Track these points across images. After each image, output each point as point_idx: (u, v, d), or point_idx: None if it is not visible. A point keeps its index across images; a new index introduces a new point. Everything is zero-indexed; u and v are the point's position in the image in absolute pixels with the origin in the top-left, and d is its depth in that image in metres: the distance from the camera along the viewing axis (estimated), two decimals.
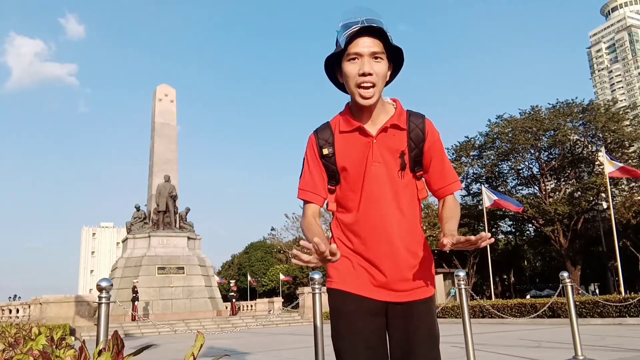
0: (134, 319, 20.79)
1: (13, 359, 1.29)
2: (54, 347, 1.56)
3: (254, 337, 14.44)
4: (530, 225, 44.95)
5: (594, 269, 48.17)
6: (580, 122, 38.48)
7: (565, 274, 6.42)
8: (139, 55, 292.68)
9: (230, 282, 37.55)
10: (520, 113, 40.29)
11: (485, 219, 30.37)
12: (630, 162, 36.70)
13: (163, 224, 27.44)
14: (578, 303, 14.04)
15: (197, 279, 26.49)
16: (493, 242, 1.55)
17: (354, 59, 1.67)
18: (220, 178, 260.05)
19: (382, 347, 1.72)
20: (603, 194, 35.80)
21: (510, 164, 41.98)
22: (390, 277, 1.73)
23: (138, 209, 28.81)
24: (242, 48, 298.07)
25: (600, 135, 37.91)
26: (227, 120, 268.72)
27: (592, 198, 36.74)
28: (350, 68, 1.68)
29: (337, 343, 1.73)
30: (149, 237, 26.79)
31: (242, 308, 30.83)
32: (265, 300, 32.12)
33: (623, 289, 24.59)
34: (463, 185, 43.02)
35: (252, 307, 31.64)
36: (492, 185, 41.28)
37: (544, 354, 6.94)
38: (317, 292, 4.58)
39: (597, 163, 37.59)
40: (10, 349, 1.60)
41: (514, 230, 48.49)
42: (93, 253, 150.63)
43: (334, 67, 1.77)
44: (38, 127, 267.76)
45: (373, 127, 1.75)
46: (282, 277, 58.06)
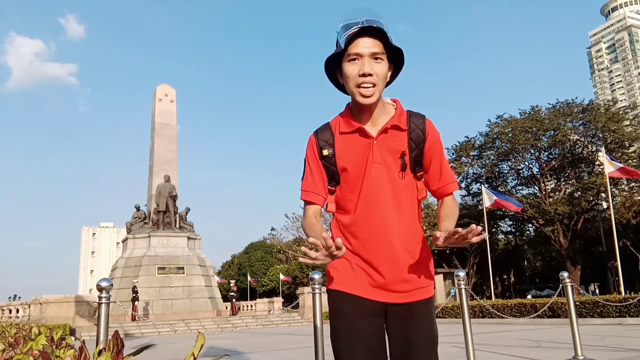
0: (134, 319, 20.80)
1: (13, 359, 1.29)
2: (54, 347, 1.56)
3: (254, 337, 14.44)
4: (530, 225, 44.94)
5: (594, 269, 48.17)
6: (580, 122, 38.48)
7: (565, 274, 6.42)
8: (139, 55, 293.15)
9: (230, 282, 37.55)
10: (520, 113, 40.31)
11: (485, 219, 30.38)
12: (630, 162, 36.70)
13: (163, 224, 27.46)
14: (578, 303, 14.04)
15: (197, 279, 26.50)
16: (484, 238, 1.55)
17: (354, 60, 1.66)
18: (220, 178, 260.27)
19: (381, 347, 1.73)
20: (603, 194, 35.78)
21: (510, 164, 41.97)
22: (389, 278, 1.73)
23: (138, 209, 28.83)
24: (242, 48, 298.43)
25: (600, 135, 37.91)
26: (227, 120, 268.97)
27: (592, 198, 36.74)
28: (351, 69, 1.67)
29: (336, 343, 1.73)
30: (149, 237, 26.81)
31: (242, 308, 30.84)
32: (265, 300, 32.13)
33: (623, 289, 24.59)
34: (463, 185, 43.02)
35: (252, 307, 31.65)
36: (492, 185, 41.27)
37: (544, 354, 6.94)
38: (317, 292, 4.57)
39: (597, 163, 37.58)
40: (10, 349, 1.60)
41: (514, 230, 48.49)
42: (93, 253, 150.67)
43: (334, 67, 1.77)
44: (38, 127, 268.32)
45: (373, 128, 1.75)
46: (282, 277, 58.05)
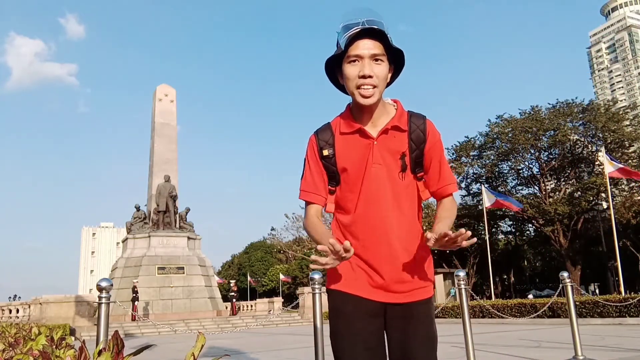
0: (134, 319, 20.80)
1: (13, 359, 1.29)
2: (54, 347, 1.56)
3: (254, 337, 14.44)
4: (530, 225, 44.95)
5: (594, 269, 48.18)
6: (580, 122, 38.49)
7: (565, 274, 6.42)
8: (139, 55, 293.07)
9: (231, 282, 37.56)
10: (520, 113, 40.32)
11: (485, 219, 30.41)
12: (630, 162, 36.71)
13: (163, 224, 27.46)
14: (578, 303, 14.04)
15: (197, 279, 26.51)
16: (474, 242, 1.56)
17: (354, 61, 1.66)
18: (220, 178, 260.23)
19: (380, 347, 1.73)
20: (603, 194, 35.79)
21: (510, 164, 41.98)
22: (389, 278, 1.73)
23: (138, 209, 28.84)
24: (242, 48, 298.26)
25: (600, 135, 37.91)
26: (227, 120, 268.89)
27: (592, 198, 36.75)
28: (351, 70, 1.67)
29: (336, 343, 1.74)
30: (149, 237, 26.81)
31: (242, 308, 30.84)
32: (265, 300, 32.13)
33: (623, 289, 24.59)
34: (463, 185, 43.02)
35: (252, 307, 31.65)
36: (492, 185, 41.28)
37: (544, 354, 6.94)
38: (317, 292, 4.57)
39: (597, 163, 37.58)
40: (10, 349, 1.60)
41: (514, 230, 48.51)
42: (93, 253, 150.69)
43: (335, 68, 1.76)
44: (38, 127, 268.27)
45: (374, 128, 1.75)
46: (282, 277, 58.05)
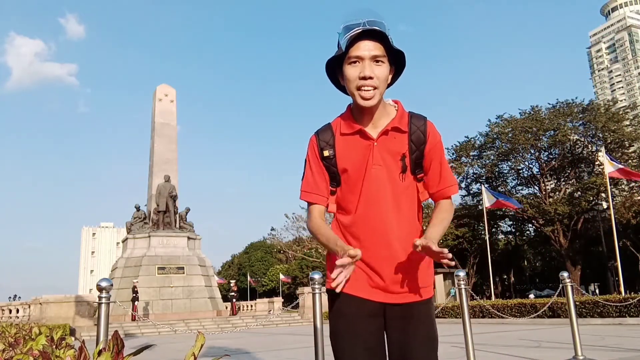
0: (134, 319, 20.80)
1: (13, 359, 1.29)
2: (54, 347, 1.56)
3: (254, 337, 14.44)
4: (530, 225, 44.96)
5: (594, 269, 48.19)
6: (580, 122, 38.50)
7: (565, 274, 6.42)
8: (139, 55, 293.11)
9: (231, 282, 37.53)
10: (520, 113, 40.33)
11: (485, 219, 30.42)
12: (630, 162, 36.73)
13: (163, 224, 27.46)
14: (578, 303, 14.04)
15: (197, 279, 26.50)
16: (452, 265, 1.60)
17: (355, 62, 1.66)
18: (220, 178, 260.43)
19: (380, 348, 1.73)
20: (603, 194, 35.79)
21: (510, 164, 41.99)
22: (389, 279, 1.73)
23: (138, 209, 28.84)
24: (242, 48, 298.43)
25: (600, 135, 37.92)
26: (227, 120, 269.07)
27: (592, 198, 36.75)
28: (351, 71, 1.67)
29: (336, 344, 1.74)
30: (149, 237, 26.81)
31: (242, 308, 30.84)
32: (265, 300, 32.13)
33: (623, 289, 24.60)
34: (463, 185, 43.01)
35: (252, 307, 31.64)
36: (492, 185, 41.28)
37: (544, 354, 6.94)
38: (317, 292, 4.57)
39: (597, 163, 37.58)
40: (10, 349, 1.60)
41: (514, 230, 48.53)
42: (93, 253, 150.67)
43: (335, 69, 1.76)
44: (38, 127, 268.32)
45: (374, 129, 1.75)
46: (282, 277, 58.02)
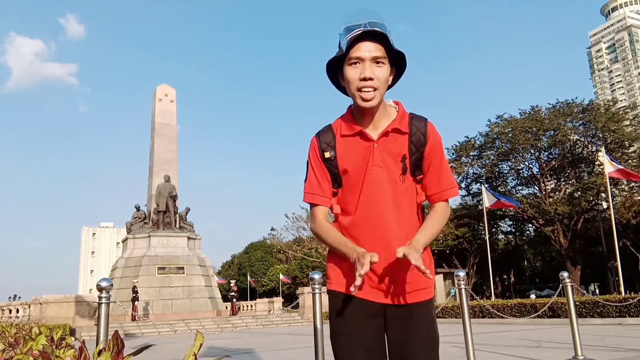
0: (134, 319, 20.80)
1: (13, 359, 1.29)
2: (54, 347, 1.56)
3: (254, 337, 14.44)
4: (530, 225, 44.95)
5: (594, 269, 48.19)
6: (580, 122, 38.50)
7: (565, 274, 6.42)
8: (139, 55, 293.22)
9: (231, 282, 37.52)
10: (520, 113, 40.33)
11: (485, 219, 30.43)
12: (630, 162, 36.73)
13: (163, 224, 27.46)
14: (578, 303, 14.04)
15: (197, 279, 26.50)
16: (431, 280, 1.67)
17: (356, 63, 1.66)
18: (220, 178, 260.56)
19: (380, 348, 1.73)
20: (603, 194, 35.80)
21: (510, 164, 41.99)
22: (389, 280, 1.73)
23: (138, 209, 28.84)
24: (242, 48, 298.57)
25: (600, 135, 37.92)
26: (227, 120, 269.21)
27: (592, 198, 36.75)
28: (352, 72, 1.67)
29: (336, 344, 1.74)
30: (149, 237, 26.81)
31: (242, 308, 30.84)
32: (265, 300, 32.14)
33: (623, 289, 24.60)
34: (463, 185, 43.00)
35: (252, 307, 31.64)
36: (492, 185, 41.28)
37: (544, 354, 6.94)
38: (317, 292, 4.57)
39: (597, 163, 37.58)
40: (10, 349, 1.60)
41: (514, 230, 48.53)
42: (93, 253, 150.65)
43: (336, 70, 1.76)
44: (38, 127, 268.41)
45: (374, 131, 1.75)
46: (282, 277, 57.98)
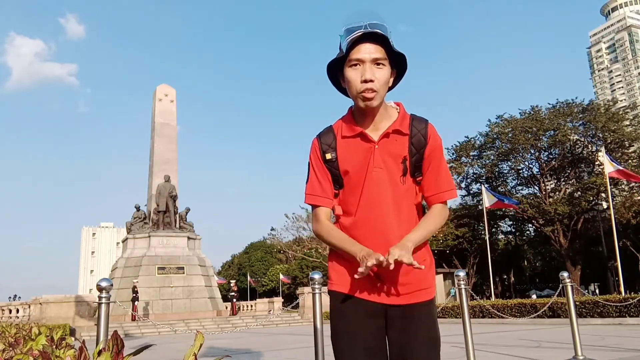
0: (134, 319, 20.80)
1: (13, 359, 1.29)
2: (54, 347, 1.56)
3: (254, 337, 14.44)
4: (530, 225, 44.95)
5: (594, 269, 48.18)
6: (580, 122, 38.49)
7: (565, 274, 6.42)
8: (139, 55, 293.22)
9: (231, 282, 37.50)
10: (520, 113, 40.32)
11: (485, 219, 30.43)
12: (630, 162, 36.73)
13: (163, 224, 27.45)
14: (578, 303, 14.04)
15: (197, 279, 26.50)
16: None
17: (356, 65, 1.66)
18: (220, 178, 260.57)
19: (381, 348, 1.73)
20: (603, 194, 35.79)
21: (510, 164, 41.98)
22: (390, 280, 1.73)
23: (138, 209, 28.83)
24: (242, 48, 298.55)
25: (600, 135, 37.91)
26: (227, 120, 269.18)
27: (592, 198, 36.75)
28: (352, 74, 1.67)
29: (336, 344, 1.74)
30: (149, 237, 26.81)
31: (242, 308, 30.83)
32: (265, 300, 32.13)
33: (623, 289, 24.59)
34: (463, 185, 43.00)
35: (252, 307, 31.64)
36: (492, 185, 41.27)
37: (544, 354, 6.94)
38: (317, 292, 4.57)
39: (597, 163, 37.58)
40: (10, 349, 1.60)
41: (514, 230, 48.52)
42: (93, 253, 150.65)
43: (337, 71, 1.77)
44: (38, 127, 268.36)
45: (375, 132, 1.75)
46: (282, 277, 57.96)
